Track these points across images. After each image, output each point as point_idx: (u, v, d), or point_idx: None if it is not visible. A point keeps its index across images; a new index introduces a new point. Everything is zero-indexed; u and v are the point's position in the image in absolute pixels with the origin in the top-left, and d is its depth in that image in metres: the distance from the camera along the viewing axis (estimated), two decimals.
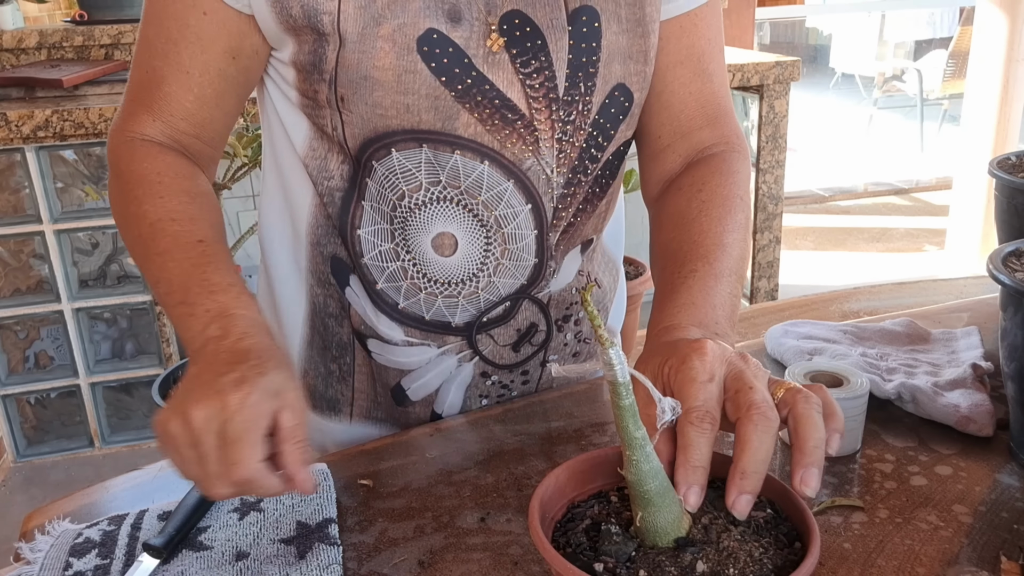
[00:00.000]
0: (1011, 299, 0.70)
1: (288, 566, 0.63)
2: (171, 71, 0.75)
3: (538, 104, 0.74)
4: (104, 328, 2.44)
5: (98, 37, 2.60)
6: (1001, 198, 1.01)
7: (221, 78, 0.76)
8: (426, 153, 0.74)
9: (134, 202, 0.74)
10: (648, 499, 0.51)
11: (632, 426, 0.51)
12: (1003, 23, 3.41)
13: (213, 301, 0.65)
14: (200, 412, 0.56)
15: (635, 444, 0.51)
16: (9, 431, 2.42)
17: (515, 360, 0.87)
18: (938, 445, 0.76)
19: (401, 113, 0.72)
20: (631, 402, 0.50)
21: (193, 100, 0.76)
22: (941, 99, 6.04)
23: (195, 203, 0.74)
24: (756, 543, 0.52)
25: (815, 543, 0.50)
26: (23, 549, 0.68)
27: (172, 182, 0.74)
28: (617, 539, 0.51)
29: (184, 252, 0.69)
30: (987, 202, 3.53)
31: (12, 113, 2.07)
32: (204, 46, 0.74)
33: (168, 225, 0.71)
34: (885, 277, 3.61)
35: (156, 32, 0.75)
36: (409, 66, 0.70)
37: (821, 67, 8.57)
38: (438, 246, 0.78)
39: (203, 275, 0.67)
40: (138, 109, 0.77)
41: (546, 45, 0.73)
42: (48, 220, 2.22)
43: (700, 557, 0.50)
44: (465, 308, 0.82)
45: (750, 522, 0.53)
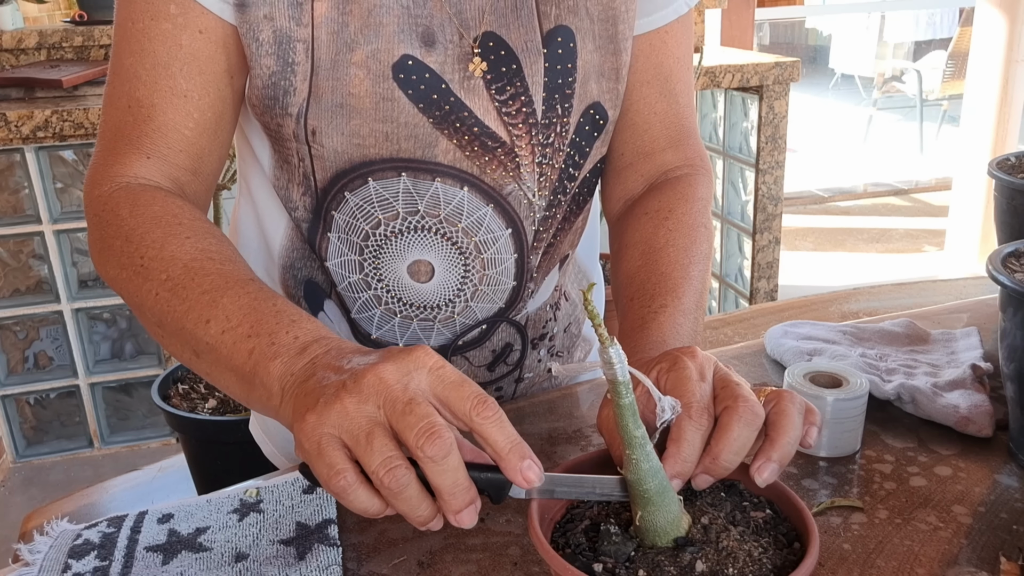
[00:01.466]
0: (1011, 300, 0.70)
1: (288, 567, 0.63)
2: (163, 98, 0.69)
3: (518, 131, 0.73)
4: (104, 328, 2.44)
5: (98, 37, 2.60)
6: (1001, 199, 1.01)
7: (220, 100, 0.71)
8: (405, 182, 0.73)
9: (153, 246, 0.64)
10: (648, 498, 0.51)
11: (632, 425, 0.51)
12: (1003, 24, 3.41)
13: (298, 328, 0.56)
14: (351, 399, 0.48)
15: (635, 443, 0.51)
16: (8, 431, 2.42)
17: (489, 379, 0.86)
18: (937, 446, 0.76)
19: (380, 142, 0.70)
20: (631, 400, 0.50)
21: (193, 127, 0.70)
22: (941, 100, 6.05)
23: (225, 246, 0.66)
24: (755, 543, 0.52)
25: (814, 543, 0.50)
26: (22, 550, 0.68)
27: (192, 223, 0.66)
28: (616, 539, 0.51)
29: (238, 288, 0.60)
30: (987, 203, 3.53)
31: (12, 113, 2.07)
32: (202, 66, 0.69)
33: (208, 264, 0.62)
34: (885, 278, 3.61)
35: (137, 60, 0.69)
36: (386, 93, 0.69)
37: (821, 68, 8.57)
38: (414, 272, 0.77)
39: (274, 308, 0.58)
40: (124, 149, 0.69)
41: (521, 70, 0.72)
42: (48, 220, 2.22)
43: (699, 557, 0.50)
44: (441, 332, 0.81)
45: (749, 522, 0.53)
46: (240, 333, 0.57)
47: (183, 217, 0.66)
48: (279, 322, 0.57)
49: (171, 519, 0.69)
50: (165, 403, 1.72)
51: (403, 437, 0.47)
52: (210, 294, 0.60)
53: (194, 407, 1.74)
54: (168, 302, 0.62)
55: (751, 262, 2.85)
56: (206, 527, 0.68)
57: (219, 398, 1.77)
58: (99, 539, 0.67)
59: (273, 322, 0.57)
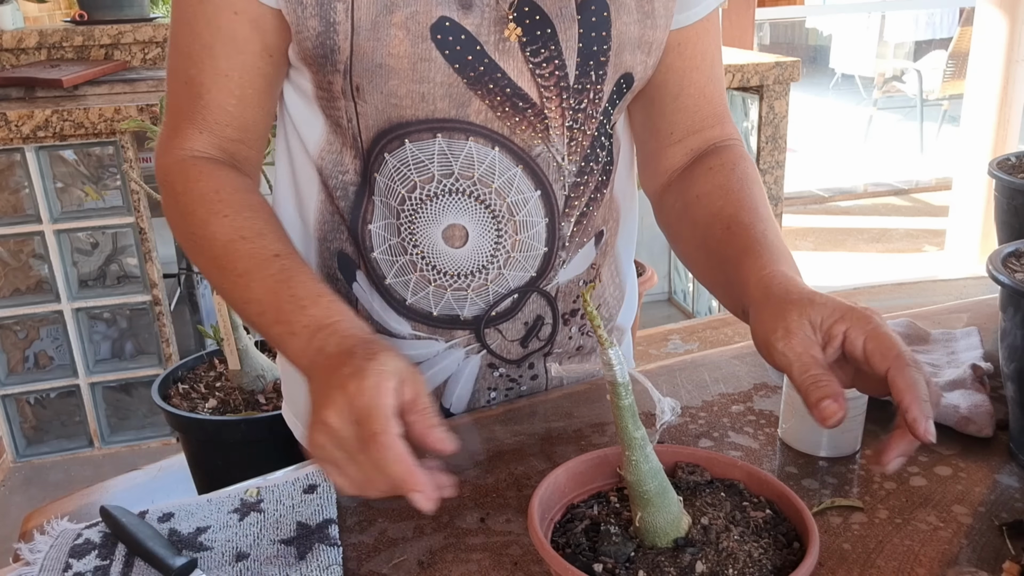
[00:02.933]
0: (1011, 300, 0.70)
1: (288, 567, 0.63)
2: (209, 77, 0.74)
3: (549, 93, 0.75)
4: (104, 328, 2.44)
5: (98, 37, 2.60)
6: (1001, 199, 1.01)
7: (261, 77, 0.76)
8: (440, 143, 0.75)
9: (199, 224, 0.73)
10: (647, 499, 0.51)
11: (632, 426, 0.51)
12: (1003, 24, 3.41)
13: (307, 316, 0.65)
14: (331, 412, 0.57)
15: (635, 444, 0.51)
16: (9, 431, 2.42)
17: (522, 354, 0.87)
18: (938, 445, 0.76)
19: (416, 103, 0.73)
20: (631, 402, 0.50)
21: (236, 103, 0.76)
22: (941, 100, 6.04)
23: (259, 217, 0.74)
24: (755, 543, 0.52)
25: (814, 543, 0.50)
26: (22, 550, 0.68)
27: (231, 197, 0.74)
28: (616, 539, 0.51)
29: (264, 270, 0.69)
30: (987, 203, 3.53)
31: (12, 113, 2.07)
32: (239, 47, 0.74)
33: (240, 244, 0.71)
34: (885, 277, 3.61)
35: (189, 40, 0.74)
36: (424, 54, 0.71)
37: (821, 67, 8.57)
38: (448, 238, 0.79)
39: (290, 291, 0.67)
40: (182, 123, 0.77)
41: (556, 34, 0.74)
42: (48, 220, 2.22)
43: (699, 557, 0.50)
44: (474, 301, 0.82)
45: (749, 522, 0.53)
46: (269, 319, 0.68)
47: (224, 192, 0.74)
48: (293, 310, 0.66)
49: (171, 518, 0.69)
50: (165, 403, 1.72)
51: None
52: (244, 277, 0.70)
53: (194, 407, 1.74)
54: (217, 279, 0.73)
55: None
56: (206, 527, 0.68)
57: (219, 398, 1.77)
58: (99, 538, 0.67)
59: (289, 309, 0.66)
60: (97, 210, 2.28)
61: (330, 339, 0.63)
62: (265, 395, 1.77)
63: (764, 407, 0.83)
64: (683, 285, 3.38)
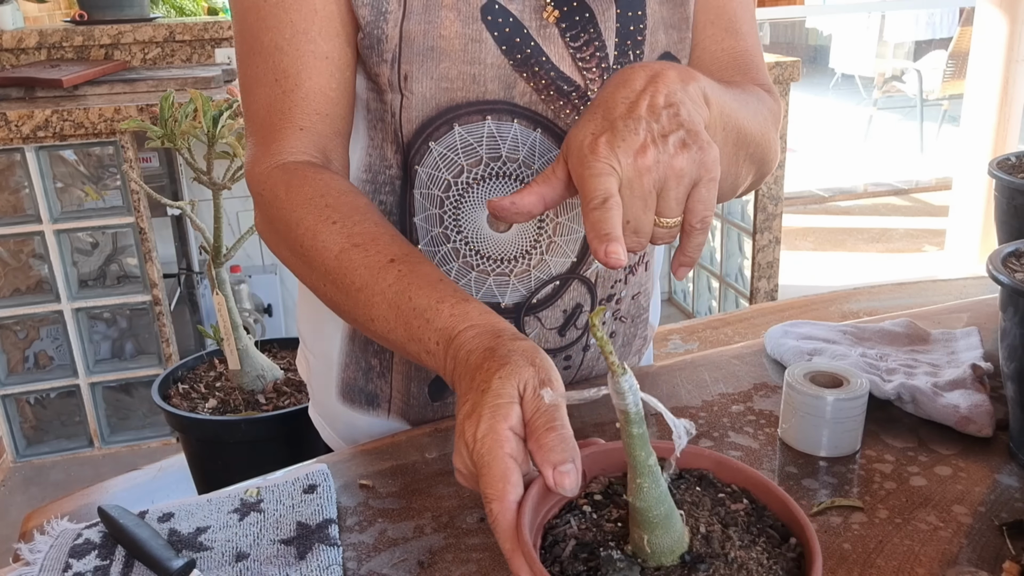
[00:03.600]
0: (1011, 300, 0.70)
1: (288, 567, 0.63)
2: (306, 63, 0.72)
3: (592, 75, 0.76)
4: (104, 328, 2.44)
5: (98, 37, 2.60)
6: (1001, 199, 1.01)
7: (354, 60, 0.75)
8: (489, 126, 0.75)
9: (308, 234, 0.69)
10: (657, 523, 0.49)
11: (644, 454, 0.49)
12: (1003, 23, 3.41)
13: (434, 331, 0.61)
14: (457, 459, 0.54)
15: (647, 471, 0.49)
16: (9, 431, 2.42)
17: (560, 344, 0.87)
18: (938, 445, 0.76)
19: (468, 84, 0.73)
20: (643, 431, 0.49)
21: (336, 87, 0.74)
22: (941, 100, 6.04)
23: (368, 218, 0.69)
24: (759, 547, 0.51)
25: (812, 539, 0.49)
26: (22, 550, 0.68)
27: (339, 201, 0.70)
28: (621, 565, 0.49)
29: (382, 281, 0.65)
30: (987, 202, 3.53)
31: (12, 113, 2.07)
32: (338, 28, 0.73)
33: (353, 254, 0.66)
34: (885, 277, 3.61)
35: (277, 33, 0.72)
36: (475, 35, 0.72)
37: (821, 67, 8.57)
38: (494, 222, 0.79)
39: (411, 303, 0.63)
40: (278, 123, 0.73)
41: (594, 17, 0.75)
42: (48, 220, 2.22)
43: (711, 573, 0.49)
44: (516, 288, 0.82)
45: (737, 520, 0.52)
46: (401, 336, 0.63)
47: (330, 196, 0.70)
48: (420, 325, 0.62)
49: (171, 518, 0.69)
50: (165, 403, 1.72)
51: None
52: (363, 292, 0.65)
53: (194, 407, 1.74)
54: (334, 296, 0.68)
55: (751, 262, 2.85)
56: (207, 526, 0.68)
57: (219, 398, 1.77)
58: (99, 539, 0.67)
59: (416, 325, 0.62)
60: (97, 210, 2.28)
61: (457, 359, 0.58)
62: (265, 395, 1.77)
63: (764, 407, 0.83)
64: (683, 285, 3.38)
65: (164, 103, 1.64)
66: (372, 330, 0.66)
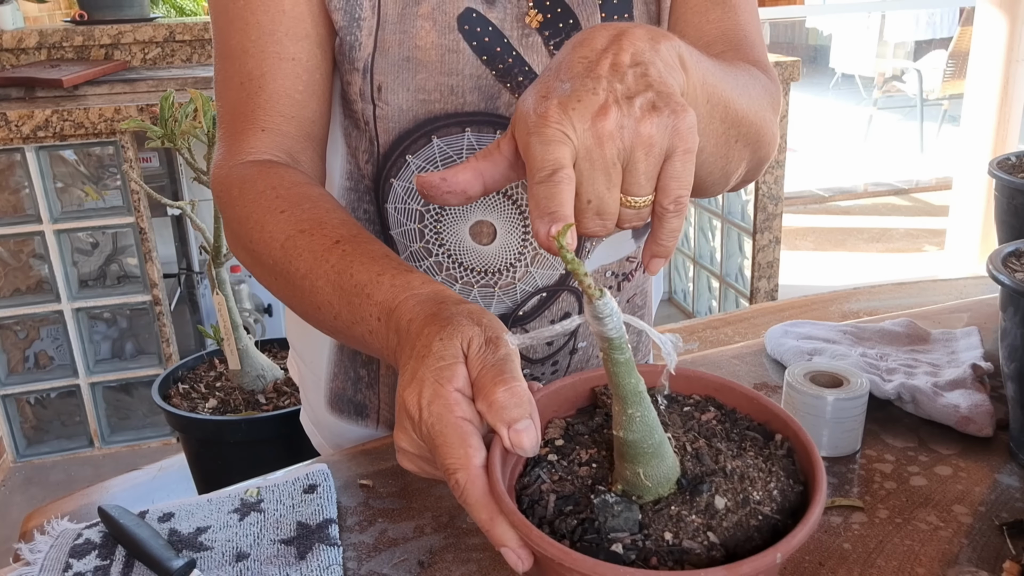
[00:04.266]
0: (1011, 299, 0.70)
1: (288, 567, 0.63)
2: (272, 65, 0.70)
3: None
4: (104, 328, 2.44)
5: (98, 37, 2.60)
6: (1001, 198, 1.01)
7: (326, 62, 0.72)
8: (469, 138, 0.73)
9: (256, 227, 0.65)
10: (652, 453, 0.45)
11: (633, 380, 0.44)
12: (1003, 23, 3.41)
13: (375, 305, 0.56)
14: (402, 438, 0.50)
15: (637, 399, 0.44)
16: (9, 431, 2.42)
17: (547, 353, 0.85)
18: (938, 445, 0.76)
19: (445, 96, 0.72)
20: (628, 357, 0.44)
21: (303, 90, 0.71)
22: (941, 99, 6.04)
23: (319, 205, 0.65)
24: (752, 453, 0.47)
25: (800, 430, 0.47)
26: (23, 549, 0.68)
27: (289, 192, 0.66)
28: (619, 508, 0.44)
29: (326, 263, 0.60)
30: (987, 202, 3.53)
31: (12, 113, 2.07)
32: (307, 29, 0.70)
33: (299, 240, 0.62)
34: (885, 277, 3.61)
35: (244, 36, 0.71)
36: (452, 45, 0.70)
37: (821, 67, 8.57)
38: (476, 234, 0.77)
39: (353, 280, 0.58)
40: (241, 126, 0.71)
41: (578, 23, 0.73)
42: (48, 220, 2.22)
43: (716, 491, 0.45)
44: (501, 300, 0.80)
45: (714, 430, 0.50)
46: (346, 320, 0.59)
47: (281, 188, 0.66)
48: (362, 302, 0.57)
49: (172, 518, 0.69)
50: (165, 403, 1.72)
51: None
52: (308, 278, 0.61)
53: (194, 407, 1.74)
54: (283, 289, 0.64)
55: (751, 262, 2.85)
56: (207, 526, 0.68)
57: (219, 398, 1.77)
58: (100, 538, 0.67)
59: (359, 303, 0.57)
60: (97, 210, 2.28)
61: (399, 331, 0.53)
62: (265, 395, 1.77)
63: None
64: (683, 285, 3.38)
65: (164, 103, 1.64)
66: (321, 320, 0.62)
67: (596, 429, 0.51)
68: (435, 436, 0.46)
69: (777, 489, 0.45)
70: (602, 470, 0.48)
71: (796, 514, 0.45)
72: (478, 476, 0.45)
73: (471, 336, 0.48)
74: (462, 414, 0.46)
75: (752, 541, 0.43)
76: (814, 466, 0.46)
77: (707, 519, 0.44)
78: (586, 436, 0.50)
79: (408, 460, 0.51)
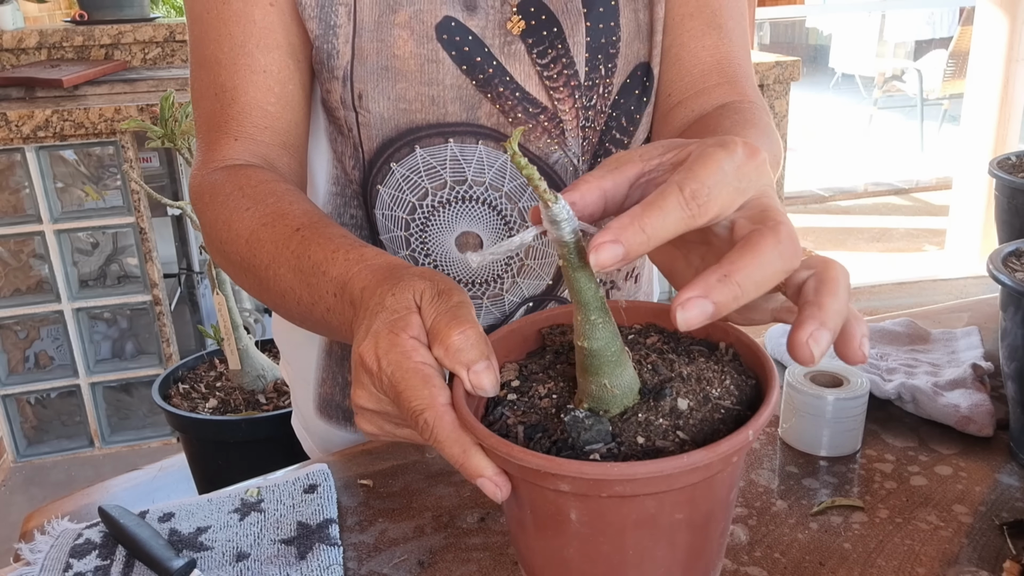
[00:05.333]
0: (1011, 299, 0.70)
1: (288, 566, 0.63)
2: (244, 77, 0.70)
3: (560, 95, 0.72)
4: (104, 328, 2.44)
5: (98, 37, 2.60)
6: (1001, 198, 1.01)
7: (297, 76, 0.71)
8: (452, 149, 0.73)
9: (224, 227, 0.65)
10: (615, 360, 0.45)
11: (594, 286, 0.43)
12: (1003, 23, 3.41)
13: (331, 282, 0.56)
14: (361, 394, 0.49)
15: (598, 304, 0.44)
16: (9, 431, 2.42)
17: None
18: (938, 445, 0.76)
19: (427, 106, 0.71)
20: (587, 262, 0.42)
21: (275, 102, 0.71)
22: (941, 99, 6.05)
23: (283, 199, 0.65)
24: (703, 360, 0.48)
25: (746, 337, 0.48)
26: (23, 550, 0.68)
27: (255, 190, 0.66)
28: (589, 422, 0.44)
29: (287, 250, 0.60)
30: (987, 202, 3.53)
31: (12, 113, 2.07)
32: (277, 40, 0.70)
33: (261, 233, 0.62)
34: (885, 277, 3.61)
35: (216, 47, 0.70)
36: (431, 55, 0.69)
37: (821, 67, 8.57)
38: (462, 245, 0.76)
39: (311, 261, 0.58)
40: (214, 136, 0.71)
41: (562, 32, 0.71)
42: (48, 220, 2.22)
43: (677, 395, 0.45)
44: (489, 310, 0.80)
45: (661, 349, 0.50)
46: (307, 303, 0.59)
47: (248, 187, 0.66)
48: (320, 281, 0.57)
49: (172, 518, 0.69)
50: (166, 403, 1.72)
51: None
52: (271, 268, 0.61)
53: (195, 407, 1.74)
54: (252, 285, 0.64)
55: None
56: (207, 526, 0.68)
57: (220, 398, 1.77)
58: (100, 538, 0.67)
59: (316, 283, 0.57)
60: (97, 210, 2.28)
61: (354, 301, 0.53)
62: (266, 395, 1.77)
63: None
64: None
65: (164, 103, 1.64)
66: (287, 308, 0.62)
67: (549, 366, 0.51)
68: (396, 383, 0.45)
69: (733, 384, 0.46)
70: (562, 399, 0.48)
71: (753, 404, 0.46)
72: (445, 412, 0.45)
73: (422, 288, 0.48)
74: (420, 359, 0.46)
75: (720, 433, 0.44)
76: (761, 358, 0.47)
77: (674, 420, 0.44)
78: (540, 374, 0.50)
79: (367, 420, 0.50)
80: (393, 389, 0.46)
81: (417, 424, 0.45)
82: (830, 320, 0.39)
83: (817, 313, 0.40)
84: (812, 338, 0.39)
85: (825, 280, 0.41)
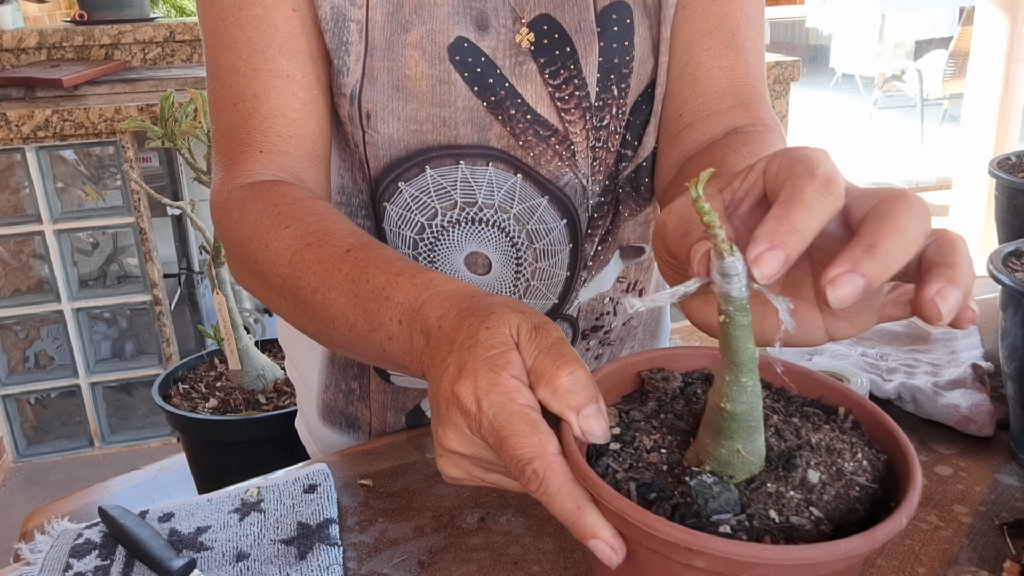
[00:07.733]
0: (1011, 299, 0.70)
1: (288, 567, 0.63)
2: (265, 83, 0.66)
3: (571, 116, 0.71)
4: (104, 328, 2.44)
5: (98, 37, 2.60)
6: (1001, 198, 1.01)
7: (322, 80, 0.69)
8: (463, 171, 0.71)
9: (260, 246, 0.61)
10: (755, 427, 0.42)
11: (751, 346, 0.40)
12: (1003, 23, 3.41)
13: (395, 308, 0.51)
14: (451, 436, 0.44)
15: (750, 367, 0.41)
16: (9, 431, 2.42)
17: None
18: (938, 445, 0.76)
19: (438, 127, 0.69)
20: (750, 320, 0.40)
21: (299, 108, 0.68)
22: (941, 99, 6.05)
23: (325, 217, 0.61)
24: (829, 427, 0.45)
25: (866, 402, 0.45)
26: (23, 550, 0.68)
27: (292, 208, 0.62)
28: (716, 489, 0.41)
29: (338, 273, 0.56)
30: (987, 202, 3.53)
31: (12, 113, 2.07)
32: (301, 45, 0.67)
33: (307, 253, 0.58)
34: None
35: (234, 54, 0.67)
36: (443, 76, 0.68)
37: (821, 67, 8.57)
38: (471, 264, 0.76)
39: (369, 285, 0.54)
40: (237, 149, 0.67)
41: (575, 52, 0.70)
42: (48, 220, 2.22)
43: (808, 465, 0.42)
44: None
45: (775, 408, 0.47)
46: (362, 330, 0.54)
47: (283, 204, 0.62)
48: (379, 307, 0.53)
49: (172, 518, 0.69)
50: (166, 403, 1.72)
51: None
52: (319, 291, 0.57)
53: (195, 407, 1.74)
54: (292, 310, 0.60)
55: None
56: (207, 526, 0.68)
57: (220, 398, 1.77)
58: (100, 538, 0.67)
59: (375, 308, 0.53)
60: (97, 210, 2.28)
61: (427, 331, 0.49)
62: (266, 395, 1.77)
63: None
64: None
65: (164, 103, 1.64)
66: (335, 335, 0.58)
67: (652, 415, 0.48)
68: (500, 428, 0.41)
69: (865, 458, 0.43)
70: (672, 455, 0.44)
71: (886, 483, 0.43)
72: (557, 462, 0.40)
73: (518, 323, 0.44)
74: (525, 401, 0.42)
75: (856, 512, 0.41)
76: (891, 431, 0.44)
77: (806, 494, 0.41)
78: (642, 423, 0.47)
79: (453, 465, 0.46)
80: (495, 434, 0.42)
81: (524, 474, 0.41)
82: (960, 278, 0.37)
83: (946, 271, 0.37)
84: (939, 294, 0.37)
85: (947, 242, 0.39)
